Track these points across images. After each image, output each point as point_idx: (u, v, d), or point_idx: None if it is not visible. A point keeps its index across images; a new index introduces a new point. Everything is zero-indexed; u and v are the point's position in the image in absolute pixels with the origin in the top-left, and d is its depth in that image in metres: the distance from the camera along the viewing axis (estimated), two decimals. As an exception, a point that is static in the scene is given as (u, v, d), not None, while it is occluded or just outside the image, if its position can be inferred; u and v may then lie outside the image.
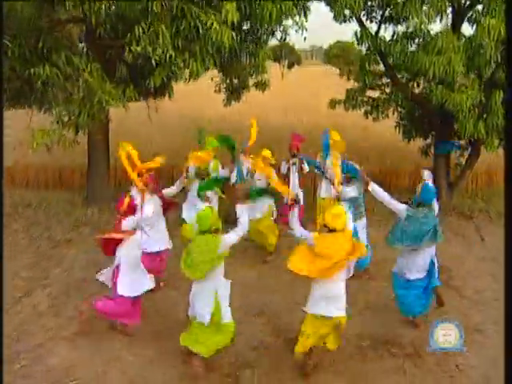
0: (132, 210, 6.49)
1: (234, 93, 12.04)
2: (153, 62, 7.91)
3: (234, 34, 7.68)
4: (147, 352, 6.15)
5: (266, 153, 9.01)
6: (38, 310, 7.01)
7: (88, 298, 7.27)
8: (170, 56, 7.97)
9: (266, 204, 8.99)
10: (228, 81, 11.80)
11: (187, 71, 8.90)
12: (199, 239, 5.64)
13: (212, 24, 7.50)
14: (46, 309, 7.06)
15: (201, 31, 7.93)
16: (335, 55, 57.75)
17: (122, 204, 6.44)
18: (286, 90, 30.06)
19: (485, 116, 9.77)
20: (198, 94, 22.34)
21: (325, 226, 5.68)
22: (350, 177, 7.90)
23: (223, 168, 9.67)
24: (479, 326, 6.86)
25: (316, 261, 5.43)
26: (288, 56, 21.62)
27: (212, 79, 11.90)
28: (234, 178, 10.06)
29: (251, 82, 11.95)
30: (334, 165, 10.13)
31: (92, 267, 8.29)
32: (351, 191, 7.90)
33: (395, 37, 10.15)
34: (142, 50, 7.75)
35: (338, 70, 57.90)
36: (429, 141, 12.11)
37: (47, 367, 5.82)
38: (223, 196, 9.14)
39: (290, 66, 29.02)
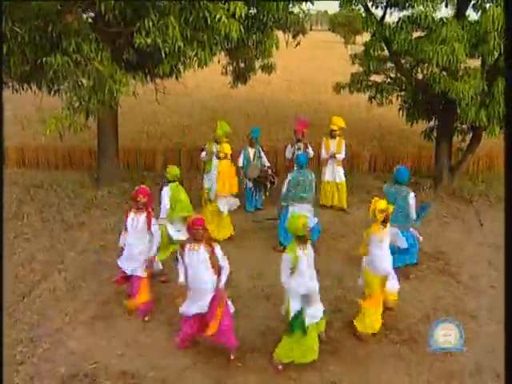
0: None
1: (240, 77, 12.19)
2: (162, 53, 8.07)
3: (241, 26, 7.81)
4: (162, 336, 6.54)
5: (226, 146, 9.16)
6: (55, 295, 7.39)
7: (103, 283, 7.70)
8: (179, 46, 8.14)
9: None
10: (234, 64, 11.93)
11: (196, 59, 9.06)
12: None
13: (221, 17, 7.64)
14: (63, 293, 7.44)
15: (209, 21, 8.08)
16: (340, 24, 57.09)
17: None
18: (290, 62, 29.97)
19: (487, 102, 9.94)
20: (203, 70, 22.43)
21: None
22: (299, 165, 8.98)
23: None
24: (474, 312, 7.20)
25: None
26: (293, 25, 21.34)
27: (219, 62, 12.03)
28: (241, 163, 10.41)
29: (257, 64, 12.07)
30: (338, 148, 10.52)
31: (105, 251, 8.68)
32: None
33: (400, 23, 10.24)
34: (152, 42, 7.92)
35: (343, 39, 57.59)
36: (432, 123, 12.27)
37: (67, 351, 6.22)
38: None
39: (295, 36, 28.81)
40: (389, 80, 11.97)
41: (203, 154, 10.31)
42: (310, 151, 10.62)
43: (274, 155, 12.48)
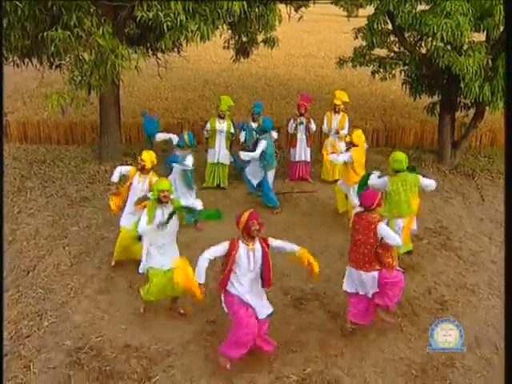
0: None
1: (242, 51, 12.09)
2: (164, 27, 8.00)
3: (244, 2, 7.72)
4: (165, 310, 6.61)
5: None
6: (60, 269, 7.46)
7: (106, 258, 7.76)
8: (181, 20, 8.06)
9: None
10: (236, 38, 11.82)
11: (198, 33, 8.97)
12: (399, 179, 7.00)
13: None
14: (67, 268, 7.51)
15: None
16: (343, -4, 56.16)
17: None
18: (293, 36, 29.59)
19: (491, 75, 9.85)
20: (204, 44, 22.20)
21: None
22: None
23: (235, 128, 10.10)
24: (474, 287, 7.27)
25: None
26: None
27: (220, 35, 11.91)
28: (243, 138, 10.40)
29: (260, 38, 11.95)
30: (341, 123, 10.47)
31: (108, 225, 8.73)
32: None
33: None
34: (154, 16, 7.84)
35: (345, 12, 56.69)
36: (435, 98, 12.20)
37: (73, 324, 6.31)
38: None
39: (297, 9, 28.50)
40: (392, 54, 11.86)
41: (204, 131, 10.31)
42: (313, 126, 10.60)
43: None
